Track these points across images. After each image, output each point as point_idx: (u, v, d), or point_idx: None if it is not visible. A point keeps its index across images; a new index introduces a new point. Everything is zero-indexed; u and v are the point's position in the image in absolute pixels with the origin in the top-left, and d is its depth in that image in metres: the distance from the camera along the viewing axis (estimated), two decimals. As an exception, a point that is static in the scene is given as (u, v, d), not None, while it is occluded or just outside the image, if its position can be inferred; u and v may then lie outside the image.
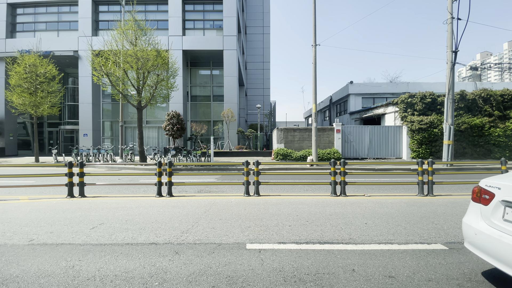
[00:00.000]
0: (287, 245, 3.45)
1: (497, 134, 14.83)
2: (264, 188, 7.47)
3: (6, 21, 21.42)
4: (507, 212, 2.24)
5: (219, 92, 23.62)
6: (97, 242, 3.61)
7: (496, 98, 15.29)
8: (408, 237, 3.73)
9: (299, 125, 49.19)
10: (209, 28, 22.22)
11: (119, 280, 2.59)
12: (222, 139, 22.59)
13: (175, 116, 19.23)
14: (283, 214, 4.88)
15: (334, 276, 2.66)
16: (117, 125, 22.12)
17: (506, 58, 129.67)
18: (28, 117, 21.13)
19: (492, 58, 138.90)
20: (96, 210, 5.25)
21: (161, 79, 13.70)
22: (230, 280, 2.58)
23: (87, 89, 20.98)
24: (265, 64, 37.96)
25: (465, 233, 2.56)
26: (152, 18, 21.43)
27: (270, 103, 40.06)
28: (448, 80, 12.54)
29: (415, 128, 15.06)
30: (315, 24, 13.81)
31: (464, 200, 5.99)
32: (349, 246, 3.44)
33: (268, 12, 38.30)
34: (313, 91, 13.95)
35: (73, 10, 21.98)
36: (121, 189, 7.81)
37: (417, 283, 2.52)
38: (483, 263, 2.89)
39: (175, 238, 3.72)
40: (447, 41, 12.40)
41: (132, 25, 13.02)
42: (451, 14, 12.18)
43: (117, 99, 14.71)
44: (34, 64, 15.55)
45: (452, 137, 12.61)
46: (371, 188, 7.55)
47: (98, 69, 12.84)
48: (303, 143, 16.69)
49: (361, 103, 24.66)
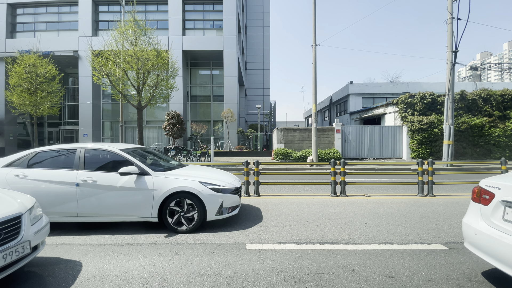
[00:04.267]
0: (287, 245, 3.45)
1: (497, 134, 14.82)
2: (264, 188, 7.47)
3: (6, 21, 21.41)
4: (507, 212, 2.24)
5: (219, 92, 23.62)
6: (97, 242, 3.61)
7: (496, 98, 15.28)
8: (408, 237, 3.73)
9: (299, 125, 49.22)
10: (209, 28, 22.22)
11: (119, 280, 2.59)
12: (222, 139, 22.59)
13: (175, 116, 19.22)
14: (283, 214, 4.88)
15: (334, 276, 2.66)
16: (117, 125, 22.12)
17: (506, 58, 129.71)
18: (28, 117, 21.10)
19: (492, 58, 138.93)
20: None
21: (161, 79, 13.69)
22: (230, 280, 2.58)
23: (87, 89, 20.98)
24: (265, 64, 37.95)
25: (465, 233, 2.56)
26: (152, 18, 21.41)
27: (270, 103, 40.06)
28: (448, 80, 12.55)
29: (415, 128, 15.06)
30: (315, 24, 13.82)
31: (464, 200, 5.99)
32: (349, 246, 3.44)
33: (268, 12, 38.29)
34: (313, 91, 13.95)
35: (73, 10, 21.97)
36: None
37: (417, 283, 2.53)
38: (483, 263, 2.89)
39: (175, 238, 3.72)
40: (447, 41, 12.40)
41: (132, 25, 13.01)
42: (451, 14, 12.19)
43: (117, 99, 14.70)
44: (34, 64, 15.54)
45: (452, 137, 12.60)
46: (371, 188, 7.54)
47: (98, 69, 12.83)
48: (303, 143, 16.69)
49: (361, 103, 24.65)
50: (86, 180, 3.92)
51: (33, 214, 2.69)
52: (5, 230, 2.27)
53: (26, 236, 2.42)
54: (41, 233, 2.66)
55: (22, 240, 2.36)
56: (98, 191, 3.91)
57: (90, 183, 3.91)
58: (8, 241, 2.27)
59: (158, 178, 4.01)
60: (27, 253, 2.40)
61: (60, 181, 3.92)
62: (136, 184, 3.93)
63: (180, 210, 3.95)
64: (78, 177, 3.94)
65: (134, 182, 3.94)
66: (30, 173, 3.97)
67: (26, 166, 4.07)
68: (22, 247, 2.34)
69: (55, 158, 4.24)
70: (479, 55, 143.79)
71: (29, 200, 2.80)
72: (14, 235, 2.34)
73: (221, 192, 4.08)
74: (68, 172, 4.00)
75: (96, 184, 3.92)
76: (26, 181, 3.91)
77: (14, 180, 3.91)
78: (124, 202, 3.91)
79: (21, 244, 2.34)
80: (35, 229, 2.58)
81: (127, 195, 3.92)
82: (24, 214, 2.50)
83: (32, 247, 2.48)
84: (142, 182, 3.95)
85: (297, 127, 17.35)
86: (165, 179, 4.01)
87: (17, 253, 2.29)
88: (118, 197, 3.92)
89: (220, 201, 4.03)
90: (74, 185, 3.90)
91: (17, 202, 2.61)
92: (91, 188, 3.91)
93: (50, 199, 3.88)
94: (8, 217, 2.32)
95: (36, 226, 2.63)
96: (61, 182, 3.91)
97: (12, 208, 2.47)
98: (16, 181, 3.91)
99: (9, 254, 2.22)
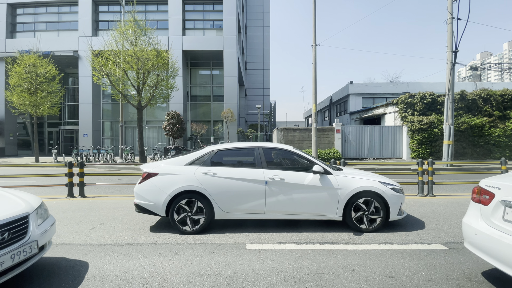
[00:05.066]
0: (287, 245, 3.45)
1: (497, 134, 14.82)
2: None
3: (6, 21, 21.41)
4: (507, 212, 2.24)
5: (219, 92, 23.62)
6: (97, 242, 3.61)
7: (496, 98, 15.28)
8: (408, 237, 3.74)
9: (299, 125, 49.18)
10: (209, 28, 22.21)
11: (119, 280, 2.59)
12: (222, 139, 22.58)
13: (175, 116, 19.22)
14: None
15: (334, 276, 2.66)
16: (117, 125, 22.11)
17: (506, 58, 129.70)
18: (28, 117, 21.11)
19: (492, 58, 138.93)
20: (96, 210, 5.25)
21: (161, 79, 13.70)
22: (230, 280, 2.58)
23: (87, 89, 20.97)
24: (265, 64, 37.97)
25: (465, 233, 2.56)
26: (152, 18, 21.41)
27: (270, 103, 40.08)
28: (448, 80, 12.54)
29: (415, 128, 15.06)
30: (315, 24, 13.81)
31: (464, 200, 5.99)
32: (349, 246, 3.44)
33: (268, 12, 38.31)
34: (313, 91, 13.95)
35: (73, 10, 21.96)
36: (121, 189, 7.81)
37: (417, 283, 2.52)
38: (483, 263, 2.89)
39: (175, 238, 3.72)
40: (447, 41, 12.40)
41: (132, 25, 13.02)
42: (451, 14, 12.18)
43: (117, 99, 14.71)
44: (34, 64, 15.53)
45: (452, 137, 12.60)
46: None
47: (98, 69, 12.83)
48: (303, 143, 16.69)
49: (361, 103, 24.64)
50: (273, 178, 3.96)
51: (40, 214, 2.68)
52: (12, 230, 2.25)
53: (33, 236, 2.41)
54: (48, 233, 2.65)
55: (29, 240, 2.35)
56: (286, 189, 3.96)
57: (277, 181, 3.96)
58: (16, 241, 2.26)
59: (340, 177, 4.02)
60: (35, 253, 2.39)
61: (249, 179, 3.96)
62: (322, 183, 3.96)
63: (366, 209, 3.94)
64: (265, 175, 3.99)
65: (320, 181, 3.97)
66: (218, 171, 4.00)
67: (210, 164, 4.10)
68: (29, 247, 2.33)
69: (234, 157, 4.44)
70: (479, 55, 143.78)
71: (36, 200, 2.79)
72: (22, 235, 2.33)
73: (398, 192, 4.06)
74: (255, 170, 4.05)
75: (284, 182, 3.96)
76: (216, 179, 3.95)
77: (203, 177, 3.95)
78: (310, 200, 3.94)
79: (29, 244, 2.33)
80: (42, 229, 2.57)
81: (313, 194, 3.94)
82: (31, 214, 2.49)
83: (39, 247, 2.47)
84: (327, 181, 3.96)
85: (297, 127, 17.35)
86: (347, 179, 4.01)
87: (24, 253, 2.27)
88: (304, 195, 3.96)
89: (400, 202, 4.01)
90: (263, 183, 3.95)
91: (24, 202, 2.60)
92: (279, 186, 3.96)
93: (241, 196, 3.96)
94: (15, 217, 2.30)
95: (43, 226, 2.61)
96: (251, 180, 3.96)
97: (19, 208, 2.45)
98: (206, 178, 3.94)
99: (17, 254, 2.20)
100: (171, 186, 3.88)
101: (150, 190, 3.95)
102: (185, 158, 4.18)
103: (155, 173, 4.00)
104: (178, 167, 4.06)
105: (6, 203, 2.52)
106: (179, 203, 3.88)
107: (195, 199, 3.89)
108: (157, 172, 4.01)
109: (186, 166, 4.07)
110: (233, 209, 3.95)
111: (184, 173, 3.98)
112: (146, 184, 3.99)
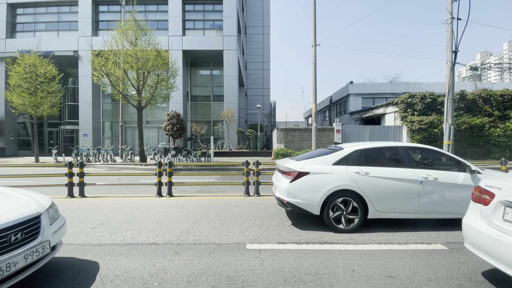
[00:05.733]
0: (287, 245, 3.45)
1: (497, 134, 14.82)
2: (264, 188, 7.47)
3: (6, 21, 21.41)
4: (507, 212, 2.24)
5: (219, 92, 23.62)
6: (97, 242, 3.61)
7: (496, 98, 15.28)
8: (408, 237, 3.74)
9: (299, 125, 49.18)
10: (209, 28, 22.21)
11: (119, 280, 2.59)
12: (222, 139, 22.59)
13: (175, 116, 19.22)
14: (283, 214, 4.88)
15: (334, 276, 2.66)
16: (117, 125, 22.12)
17: (506, 58, 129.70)
18: (28, 117, 21.12)
19: (492, 58, 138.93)
20: (96, 210, 5.25)
21: (161, 79, 13.69)
22: (230, 280, 2.58)
23: (87, 89, 20.98)
24: (265, 64, 37.93)
25: (465, 233, 2.56)
26: (152, 18, 21.41)
27: (270, 103, 40.05)
28: (448, 80, 12.54)
29: (415, 128, 15.06)
30: (315, 24, 13.81)
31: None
32: (349, 246, 3.44)
33: (268, 12, 38.27)
34: (313, 91, 13.94)
35: (73, 10, 21.97)
36: (121, 189, 7.81)
37: (417, 283, 2.52)
38: (483, 263, 2.89)
39: (175, 238, 3.72)
40: (447, 41, 12.39)
41: (132, 25, 13.01)
42: (451, 14, 12.18)
43: (117, 99, 14.70)
44: (34, 64, 15.53)
45: (452, 137, 12.59)
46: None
47: (98, 69, 12.83)
48: (303, 143, 16.68)
49: (361, 103, 24.64)
50: (426, 178, 4.00)
51: (51, 213, 2.68)
52: (25, 230, 2.25)
53: (45, 236, 2.40)
54: (59, 232, 2.65)
55: (42, 240, 2.34)
56: (440, 189, 4.00)
57: (431, 180, 4.00)
58: (29, 241, 2.26)
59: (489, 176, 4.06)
60: (47, 253, 2.39)
61: (403, 179, 3.99)
62: (474, 182, 3.99)
63: None
64: (418, 174, 4.02)
65: (471, 180, 4.02)
66: (369, 171, 4.02)
67: (357, 163, 4.13)
68: (42, 247, 2.33)
69: (379, 156, 4.40)
70: (479, 55, 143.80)
71: (47, 200, 2.79)
72: (35, 235, 2.33)
73: None
74: (407, 170, 4.07)
75: (437, 181, 4.00)
76: (370, 178, 3.97)
77: (356, 177, 3.98)
78: (463, 199, 3.94)
79: (41, 244, 2.33)
80: (54, 229, 2.57)
81: (466, 193, 3.95)
82: (43, 214, 2.48)
83: (51, 246, 2.47)
84: (477, 180, 3.99)
85: (297, 127, 17.34)
86: None
87: (37, 253, 2.27)
88: (457, 194, 3.99)
89: None
90: (417, 183, 3.98)
91: (35, 202, 2.59)
92: (433, 185, 4.00)
93: (395, 196, 3.98)
94: (28, 217, 2.30)
95: (54, 226, 2.61)
96: (405, 180, 3.99)
97: (31, 208, 2.44)
98: (359, 178, 3.97)
99: (30, 254, 2.20)
100: (326, 185, 3.93)
101: (304, 189, 3.97)
102: (330, 158, 4.20)
103: (306, 172, 4.03)
104: (327, 166, 4.09)
105: (17, 204, 2.52)
106: (335, 201, 3.93)
107: (350, 198, 3.93)
108: (308, 171, 4.03)
109: (334, 166, 4.10)
110: (388, 208, 3.98)
111: (335, 172, 4.01)
112: (299, 183, 4.00)
